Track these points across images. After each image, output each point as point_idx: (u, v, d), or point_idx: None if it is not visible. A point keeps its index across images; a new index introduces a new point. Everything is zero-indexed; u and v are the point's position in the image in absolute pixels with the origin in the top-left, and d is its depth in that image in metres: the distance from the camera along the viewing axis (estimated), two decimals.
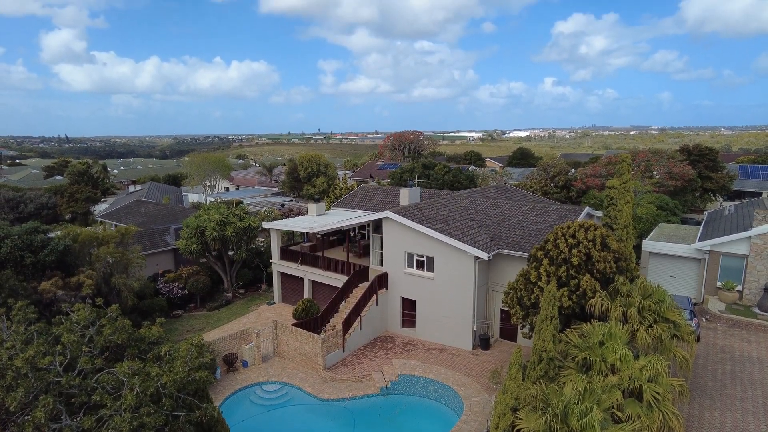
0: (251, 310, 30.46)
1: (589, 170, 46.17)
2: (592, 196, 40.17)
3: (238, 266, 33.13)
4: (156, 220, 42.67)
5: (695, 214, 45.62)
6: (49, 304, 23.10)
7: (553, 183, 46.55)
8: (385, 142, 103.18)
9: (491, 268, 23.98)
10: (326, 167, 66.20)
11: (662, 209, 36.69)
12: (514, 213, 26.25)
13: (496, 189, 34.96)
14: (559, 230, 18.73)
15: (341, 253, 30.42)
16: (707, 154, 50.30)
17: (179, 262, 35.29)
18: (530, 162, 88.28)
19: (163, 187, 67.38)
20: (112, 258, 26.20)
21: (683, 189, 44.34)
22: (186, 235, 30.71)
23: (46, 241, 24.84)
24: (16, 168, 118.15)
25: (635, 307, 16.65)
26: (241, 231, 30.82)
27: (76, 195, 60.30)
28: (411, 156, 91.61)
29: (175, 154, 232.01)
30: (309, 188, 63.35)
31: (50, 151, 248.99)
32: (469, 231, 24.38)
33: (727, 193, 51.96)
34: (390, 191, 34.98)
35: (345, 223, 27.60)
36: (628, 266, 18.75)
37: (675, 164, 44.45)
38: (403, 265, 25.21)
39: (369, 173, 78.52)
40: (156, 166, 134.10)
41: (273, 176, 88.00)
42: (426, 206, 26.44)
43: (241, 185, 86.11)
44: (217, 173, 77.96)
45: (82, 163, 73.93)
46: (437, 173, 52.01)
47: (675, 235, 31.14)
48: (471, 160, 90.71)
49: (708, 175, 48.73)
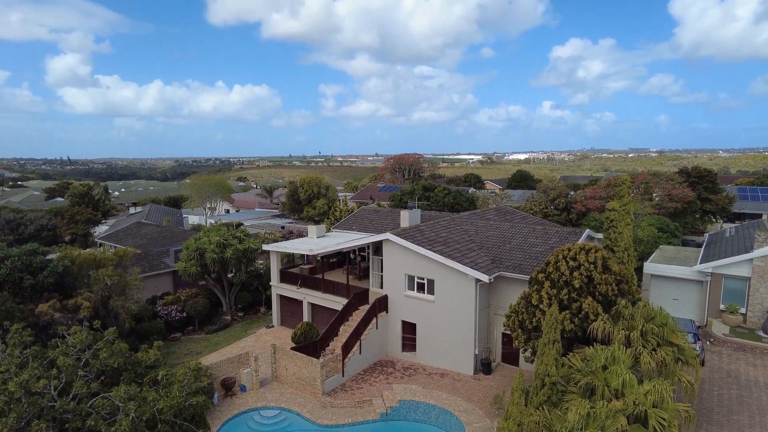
0: (250, 333, 30.14)
1: (589, 192, 46.31)
2: (592, 219, 40.19)
3: (237, 289, 32.92)
4: (156, 242, 42.60)
5: (696, 236, 45.55)
6: (46, 327, 22.88)
7: (553, 205, 46.62)
8: (385, 165, 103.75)
9: (492, 291, 23.81)
10: (327, 189, 66.42)
11: (663, 231, 36.65)
12: (515, 235, 26.20)
13: (497, 211, 34.98)
14: (560, 252, 18.66)
15: (341, 275, 30.26)
16: (706, 176, 50.51)
17: (178, 284, 35.08)
18: (530, 184, 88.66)
19: (163, 209, 67.46)
20: (111, 280, 26.05)
21: (683, 211, 44.39)
22: (185, 257, 30.61)
23: (45, 263, 24.74)
24: (17, 189, 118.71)
25: (638, 330, 16.46)
26: (240, 253, 30.72)
27: (76, 217, 60.36)
28: (411, 178, 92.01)
29: (177, 176, 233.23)
30: (309, 210, 63.43)
31: (52, 173, 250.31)
32: (470, 253, 24.30)
33: (727, 215, 51.98)
34: (390, 213, 35.00)
35: (345, 245, 27.52)
36: (629, 289, 18.62)
37: (674, 186, 44.60)
38: (404, 288, 25.03)
39: (369, 195, 78.72)
40: (157, 188, 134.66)
41: (273, 198, 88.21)
42: (426, 228, 26.41)
43: (241, 207, 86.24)
44: (218, 195, 78.18)
45: (83, 185, 74.17)
46: (437, 195, 52.14)
47: (676, 257, 31.03)
48: (471, 183, 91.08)
49: (707, 197, 48.83)
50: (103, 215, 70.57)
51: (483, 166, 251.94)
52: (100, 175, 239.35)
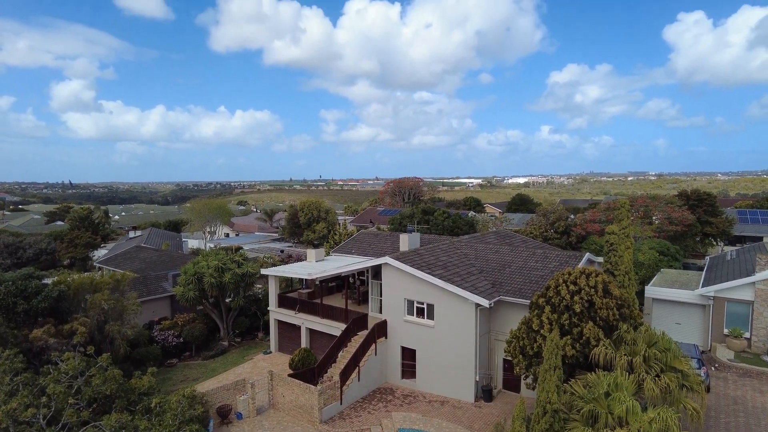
0: (247, 359, 29.69)
1: (589, 216, 46.28)
2: (592, 242, 40.06)
3: (235, 314, 32.58)
4: (154, 266, 42.39)
5: (697, 260, 45.33)
6: (39, 353, 22.54)
7: (553, 229, 46.54)
8: (385, 188, 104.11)
9: (493, 316, 23.53)
10: (326, 213, 66.42)
11: (663, 255, 36.46)
12: (515, 259, 26.05)
13: (496, 235, 34.90)
14: (560, 276, 18.50)
15: (340, 300, 29.97)
16: (705, 199, 50.54)
17: (176, 309, 34.74)
18: (529, 208, 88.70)
19: (163, 233, 67.36)
20: (108, 305, 25.79)
21: (683, 234, 44.26)
22: (183, 281, 30.39)
23: (41, 288, 24.52)
24: (18, 213, 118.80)
25: (641, 355, 16.18)
26: (239, 277, 30.51)
27: (75, 240, 60.22)
28: (411, 202, 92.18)
29: (177, 200, 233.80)
30: (309, 234, 63.32)
31: (53, 196, 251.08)
32: (470, 277, 24.11)
33: (727, 238, 51.82)
34: (389, 237, 34.90)
35: (344, 269, 27.35)
36: (631, 313, 18.39)
37: (674, 209, 44.59)
38: (403, 313, 24.76)
39: (369, 219, 78.72)
40: (157, 212, 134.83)
41: (273, 222, 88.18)
42: (426, 252, 26.28)
43: (241, 231, 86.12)
44: (218, 219, 78.15)
45: (84, 209, 74.23)
46: (437, 219, 52.10)
47: (677, 280, 30.79)
48: (470, 206, 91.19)
49: (707, 220, 48.76)
50: (103, 239, 70.40)
51: (482, 190, 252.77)
52: (101, 198, 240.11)
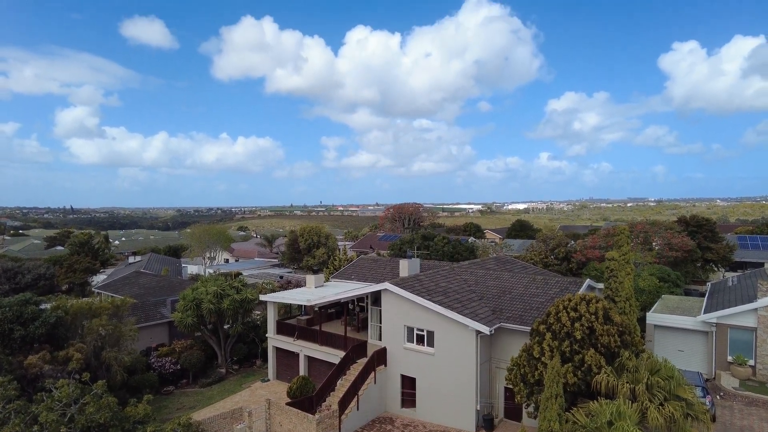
0: (245, 387, 29.23)
1: (589, 242, 46.26)
2: (592, 268, 39.92)
3: (233, 341, 32.25)
4: (153, 291, 42.17)
5: (698, 286, 45.07)
6: (33, 380, 22.23)
7: (553, 255, 46.45)
8: (386, 214, 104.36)
9: (493, 343, 23.28)
10: (326, 238, 66.44)
11: (664, 281, 36.29)
12: (515, 285, 25.93)
13: (496, 261, 34.82)
14: (560, 303, 18.40)
15: (339, 326, 29.70)
16: (705, 224, 50.60)
17: (174, 335, 34.40)
18: (529, 234, 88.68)
19: (162, 259, 67.22)
20: (105, 330, 25.57)
21: (684, 260, 44.15)
22: (182, 307, 30.19)
23: (38, 313, 24.36)
24: (18, 238, 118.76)
25: (643, 383, 15.95)
26: (237, 304, 30.32)
27: (75, 266, 60.00)
28: (411, 227, 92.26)
29: (178, 225, 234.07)
30: (309, 259, 63.18)
31: (54, 221, 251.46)
32: (470, 304, 23.96)
33: (728, 264, 51.65)
34: (389, 262, 34.82)
35: (343, 295, 27.19)
36: (633, 340, 18.21)
37: (674, 235, 44.60)
38: (403, 340, 24.50)
39: (369, 244, 78.64)
40: (157, 237, 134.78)
41: (273, 247, 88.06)
42: (425, 278, 26.18)
43: (241, 257, 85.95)
44: (218, 245, 78.09)
45: (84, 234, 74.25)
46: (437, 244, 52.07)
47: (679, 307, 30.56)
48: (470, 232, 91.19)
49: (708, 246, 48.70)
50: (102, 264, 70.19)
51: (482, 216, 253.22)
52: (101, 224, 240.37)
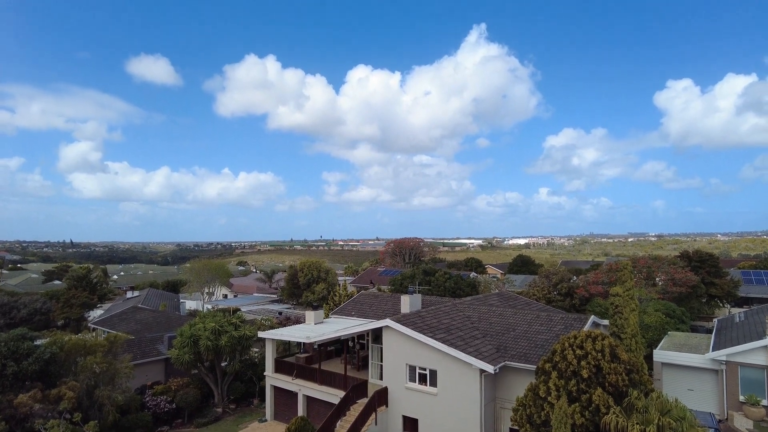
0: (241, 427, 28.32)
1: (591, 278, 45.86)
2: (596, 304, 39.40)
3: (230, 379, 31.48)
4: (150, 327, 41.51)
5: (704, 322, 44.35)
6: (23, 420, 21.57)
7: (556, 291, 45.95)
8: (386, 249, 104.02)
9: (498, 382, 22.68)
10: (326, 273, 65.93)
11: (669, 317, 35.74)
12: (519, 322, 25.50)
13: (499, 296, 34.42)
14: (565, 340, 18.02)
15: (339, 365, 29.04)
16: (708, 259, 50.24)
17: (170, 372, 33.61)
18: (531, 269, 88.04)
19: (161, 294, 66.56)
20: (99, 368, 24.97)
21: (688, 295, 43.63)
22: (179, 344, 29.61)
23: (32, 349, 23.87)
24: (16, 272, 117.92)
25: (654, 424, 15.40)
26: (235, 341, 29.75)
27: (71, 300, 59.28)
28: (411, 262, 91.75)
29: (177, 260, 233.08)
30: (308, 295, 62.51)
31: (53, 255, 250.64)
32: (473, 341, 23.48)
33: (734, 300, 51.00)
34: (390, 298, 34.40)
35: (343, 332, 26.70)
36: (641, 379, 17.73)
37: (677, 270, 44.22)
38: (405, 379, 23.88)
39: (369, 279, 78.02)
40: (156, 272, 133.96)
41: (273, 283, 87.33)
42: (427, 314, 25.78)
43: (239, 292, 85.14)
44: (217, 280, 77.50)
45: (83, 268, 73.67)
46: (438, 280, 51.60)
47: (686, 344, 29.95)
48: (472, 267, 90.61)
49: (711, 281, 48.20)
50: (100, 299, 69.36)
51: (483, 251, 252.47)
52: (101, 258, 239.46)
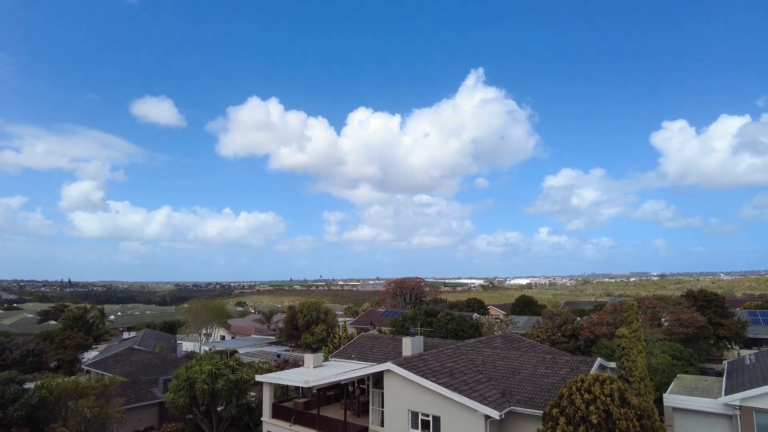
0: None
1: (596, 318, 45.18)
2: (602, 346, 38.57)
3: (226, 424, 30.38)
4: (146, 370, 40.50)
5: (714, 364, 43.31)
6: None
7: (560, 332, 45.11)
8: (387, 289, 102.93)
9: (503, 428, 21.82)
10: (326, 314, 64.96)
11: (677, 359, 34.87)
12: (524, 365, 24.84)
13: (503, 339, 33.73)
14: (573, 384, 17.47)
15: (338, 410, 28.10)
16: (713, 299, 49.62)
17: (164, 417, 32.52)
18: (534, 310, 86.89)
19: (158, 335, 65.42)
20: (91, 412, 24.15)
21: (695, 337, 42.79)
22: (174, 387, 28.74)
23: (19, 393, 23.13)
24: (12, 312, 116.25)
25: None
26: (232, 384, 28.89)
27: (66, 341, 58.11)
28: (412, 303, 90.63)
29: (176, 300, 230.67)
30: (307, 337, 61.36)
31: (50, 295, 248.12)
32: (478, 386, 22.79)
33: (742, 341, 50.00)
34: (391, 341, 33.70)
35: (343, 376, 25.96)
36: (652, 425, 17.06)
37: (682, 310, 43.56)
38: (407, 426, 23.00)
39: (370, 321, 76.84)
40: (154, 312, 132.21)
41: (271, 324, 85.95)
42: (430, 357, 25.13)
43: (237, 333, 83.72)
44: (215, 321, 76.34)
45: (79, 308, 72.78)
46: (440, 321, 50.74)
47: (697, 387, 29.06)
48: (474, 308, 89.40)
49: (718, 322, 47.42)
50: (95, 340, 68.09)
51: (485, 291, 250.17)
52: (98, 297, 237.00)
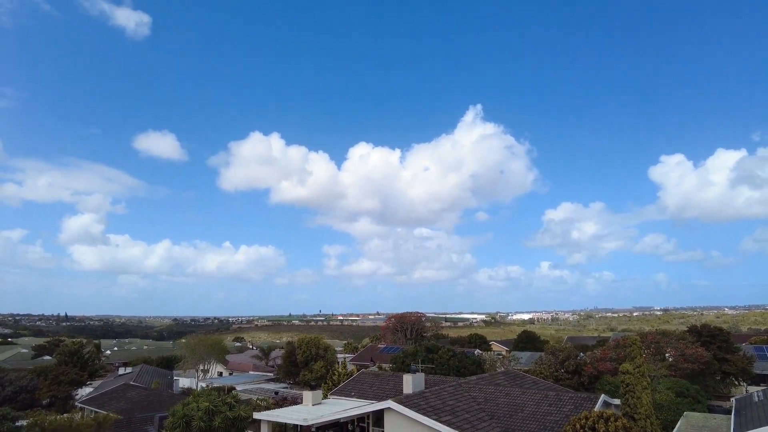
0: None
1: (599, 354, 44.57)
2: (606, 382, 37.91)
3: None
4: (141, 407, 39.68)
5: (721, 401, 42.42)
6: None
7: (563, 368, 44.42)
8: (387, 324, 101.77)
9: None
10: (325, 350, 64.05)
11: (683, 395, 34.21)
12: (527, 402, 24.41)
13: (505, 375, 33.23)
14: (576, 422, 17.19)
15: None
16: (718, 334, 49.06)
17: None
18: (537, 346, 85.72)
19: (154, 370, 64.33)
20: None
21: (701, 372, 42.09)
22: (170, 425, 28.12)
23: (13, 431, 22.65)
24: (5, 347, 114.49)
25: None
26: (230, 422, 28.27)
27: (60, 377, 57.07)
28: (413, 338, 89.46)
29: (173, 335, 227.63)
30: (306, 373, 60.33)
31: (46, 329, 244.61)
32: (480, 424, 22.35)
33: (749, 377, 49.10)
34: (392, 377, 33.19)
35: (342, 414, 25.49)
36: None
37: (687, 346, 43.01)
38: None
39: (370, 357, 75.72)
40: (151, 347, 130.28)
41: (269, 360, 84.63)
42: (431, 395, 24.72)
43: (235, 370, 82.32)
44: (213, 357, 75.24)
45: (75, 343, 71.64)
46: (442, 357, 50.00)
47: (705, 425, 28.38)
48: (476, 344, 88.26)
49: (724, 357, 46.72)
50: (90, 376, 66.84)
51: (487, 326, 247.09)
52: (95, 332, 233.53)
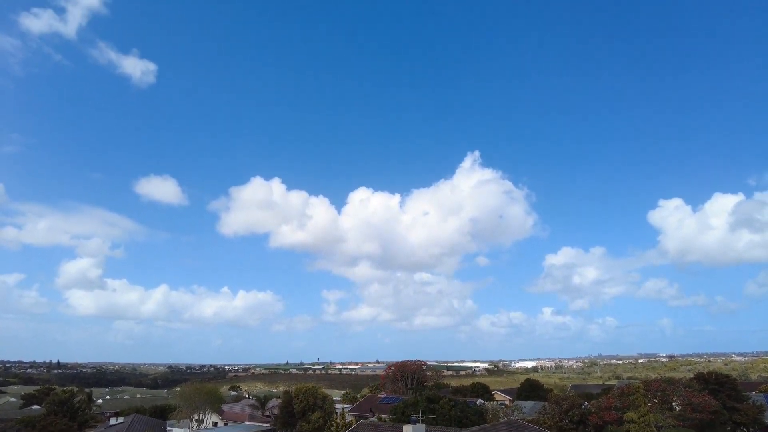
0: None
1: (603, 403, 43.51)
2: None
3: None
4: None
5: None
6: None
7: (568, 418, 43.23)
8: (387, 373, 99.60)
9: None
10: (323, 400, 62.46)
11: None
12: None
13: (508, 426, 32.37)
14: None
15: None
16: (726, 382, 47.97)
17: None
18: (540, 394, 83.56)
19: (147, 420, 62.41)
20: None
21: (710, 422, 40.89)
22: None
23: None
24: None
25: None
26: None
27: (48, 428, 55.34)
28: (414, 388, 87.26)
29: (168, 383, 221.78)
30: (303, 425, 58.57)
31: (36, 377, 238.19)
32: None
33: (760, 427, 47.65)
34: (392, 429, 32.33)
35: None
36: None
37: (694, 394, 42.00)
38: None
39: (369, 407, 73.69)
40: (145, 396, 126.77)
41: (266, 410, 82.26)
42: None
43: (231, 419, 79.82)
44: (208, 406, 73.22)
45: (65, 392, 69.92)
46: (443, 407, 48.73)
47: None
48: (478, 393, 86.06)
49: (733, 406, 45.50)
50: (80, 426, 64.80)
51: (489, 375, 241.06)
52: (87, 380, 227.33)
